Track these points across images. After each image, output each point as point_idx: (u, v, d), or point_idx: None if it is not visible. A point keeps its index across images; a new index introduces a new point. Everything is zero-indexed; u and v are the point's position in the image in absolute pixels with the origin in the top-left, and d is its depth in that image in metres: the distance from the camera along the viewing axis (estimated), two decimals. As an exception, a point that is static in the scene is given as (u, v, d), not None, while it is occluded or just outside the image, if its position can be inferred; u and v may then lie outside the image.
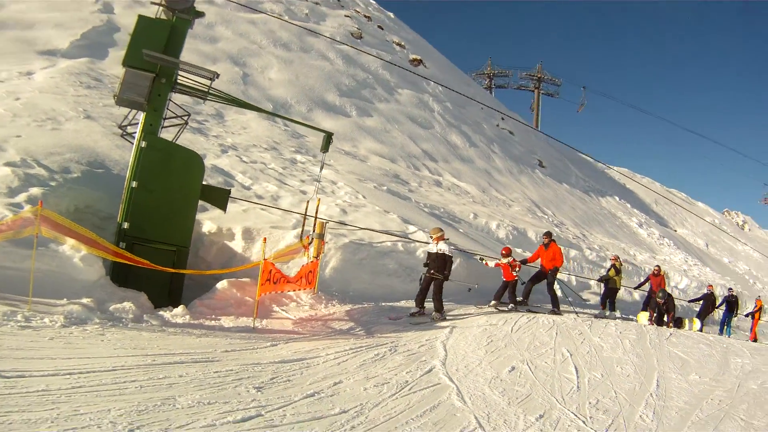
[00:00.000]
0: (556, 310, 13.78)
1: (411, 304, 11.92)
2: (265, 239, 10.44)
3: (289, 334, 9.19)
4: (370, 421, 5.60)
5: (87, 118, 16.18)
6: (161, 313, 9.10)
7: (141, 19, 10.97)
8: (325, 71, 32.03)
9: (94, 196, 11.87)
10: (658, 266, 18.15)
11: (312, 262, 11.52)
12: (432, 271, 11.26)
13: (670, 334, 11.60)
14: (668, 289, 16.52)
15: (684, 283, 28.05)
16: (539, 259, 14.81)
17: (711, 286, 20.81)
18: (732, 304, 19.52)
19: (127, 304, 8.51)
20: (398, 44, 41.55)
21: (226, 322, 9.46)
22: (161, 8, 11.39)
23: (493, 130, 40.89)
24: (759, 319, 20.52)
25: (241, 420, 5.15)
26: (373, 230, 14.34)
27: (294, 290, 11.07)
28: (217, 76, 11.23)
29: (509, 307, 12.95)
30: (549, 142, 47.86)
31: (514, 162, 38.12)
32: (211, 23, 30.23)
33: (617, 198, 47.20)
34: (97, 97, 18.87)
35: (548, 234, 15.18)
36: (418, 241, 14.72)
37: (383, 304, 12.19)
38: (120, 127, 12.03)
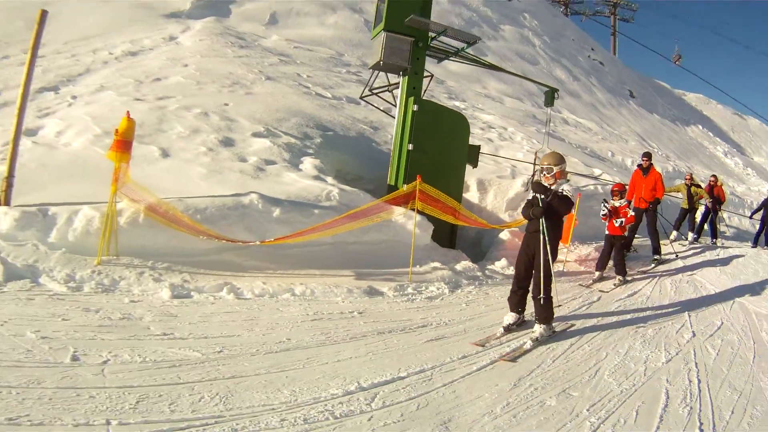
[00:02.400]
0: (657, 257, 11.17)
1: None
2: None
3: (590, 274, 10.04)
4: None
5: (269, 80, 16.28)
6: (489, 266, 9.49)
7: (395, -17, 10.98)
8: (435, 12, 31.40)
9: (341, 159, 12.10)
10: (714, 176, 15.63)
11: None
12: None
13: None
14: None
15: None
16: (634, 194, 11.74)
17: None
18: None
19: (469, 263, 8.97)
20: (490, -25, 40.57)
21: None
22: None
23: (587, 62, 40.09)
24: None
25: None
26: (584, 175, 14.53)
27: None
28: (480, 39, 11.32)
29: (617, 281, 9.41)
30: (632, 70, 46.78)
31: (611, 94, 37.41)
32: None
33: (701, 127, 46.07)
34: (258, 56, 18.98)
35: (648, 155, 11.88)
36: (609, 182, 14.86)
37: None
38: (371, 90, 12.17)
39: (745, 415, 4.58)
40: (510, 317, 6.27)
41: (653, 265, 10.90)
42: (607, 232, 9.79)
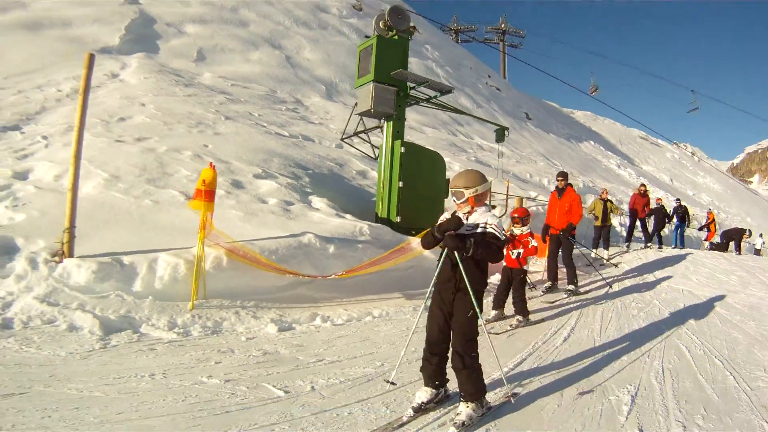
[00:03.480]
0: (574, 288, 10.23)
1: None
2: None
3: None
4: None
5: (228, 120, 16.91)
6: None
7: (380, 39, 12.45)
8: (347, 47, 33.06)
9: (329, 195, 12.94)
10: (643, 185, 17.43)
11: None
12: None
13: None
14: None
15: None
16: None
17: (660, 199, 21.78)
18: (683, 215, 19.46)
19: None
20: (393, 12, 42.41)
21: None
22: (380, 28, 12.84)
23: (486, 89, 43.00)
24: (714, 231, 23.45)
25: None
26: (529, 198, 16.37)
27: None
28: (454, 89, 12.93)
29: (515, 322, 8.06)
30: (525, 93, 50.40)
31: (512, 118, 40.40)
32: (234, 7, 30.72)
33: (592, 142, 50.52)
34: (204, 95, 19.47)
35: (563, 175, 10.81)
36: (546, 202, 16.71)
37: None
38: (356, 133, 13.46)
39: (736, 352, 6.80)
40: (424, 393, 4.66)
41: (565, 295, 10.06)
42: (504, 263, 8.53)
